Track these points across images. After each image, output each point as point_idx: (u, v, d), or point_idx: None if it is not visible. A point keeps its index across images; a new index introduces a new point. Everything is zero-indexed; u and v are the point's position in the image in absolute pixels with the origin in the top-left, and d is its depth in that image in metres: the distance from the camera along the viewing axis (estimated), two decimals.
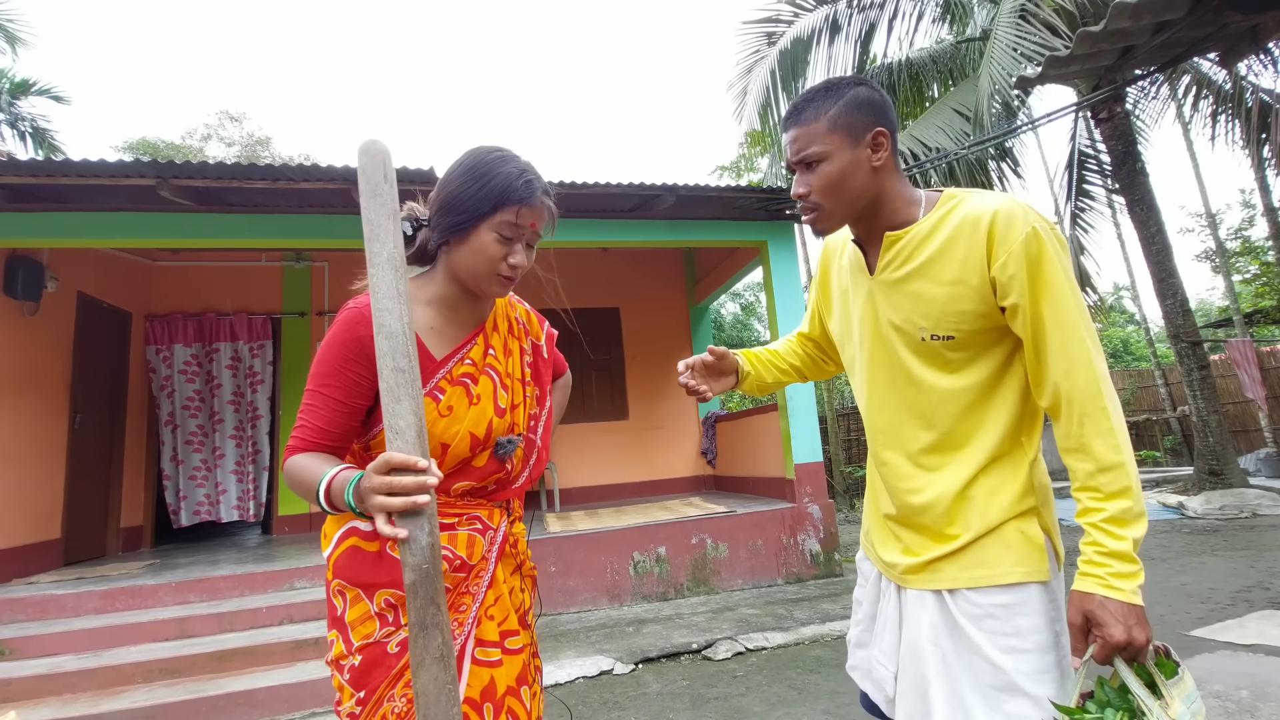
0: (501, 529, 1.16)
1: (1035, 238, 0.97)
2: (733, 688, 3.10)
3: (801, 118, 1.08)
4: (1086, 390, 0.96)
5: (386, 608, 1.03)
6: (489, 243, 1.04)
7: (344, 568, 1.06)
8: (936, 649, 1.05)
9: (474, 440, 1.08)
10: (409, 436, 0.85)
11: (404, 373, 0.86)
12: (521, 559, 1.22)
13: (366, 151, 0.94)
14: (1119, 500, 0.93)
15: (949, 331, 1.04)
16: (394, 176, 0.95)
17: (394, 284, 0.89)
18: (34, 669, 3.33)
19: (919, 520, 1.11)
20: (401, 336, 0.87)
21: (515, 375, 1.19)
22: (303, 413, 1.02)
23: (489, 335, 1.16)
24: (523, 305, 1.31)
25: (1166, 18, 3.35)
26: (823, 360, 1.48)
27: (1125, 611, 0.89)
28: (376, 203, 0.92)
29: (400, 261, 0.90)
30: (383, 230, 0.91)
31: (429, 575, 0.82)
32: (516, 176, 1.05)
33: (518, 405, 1.17)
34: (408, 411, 0.85)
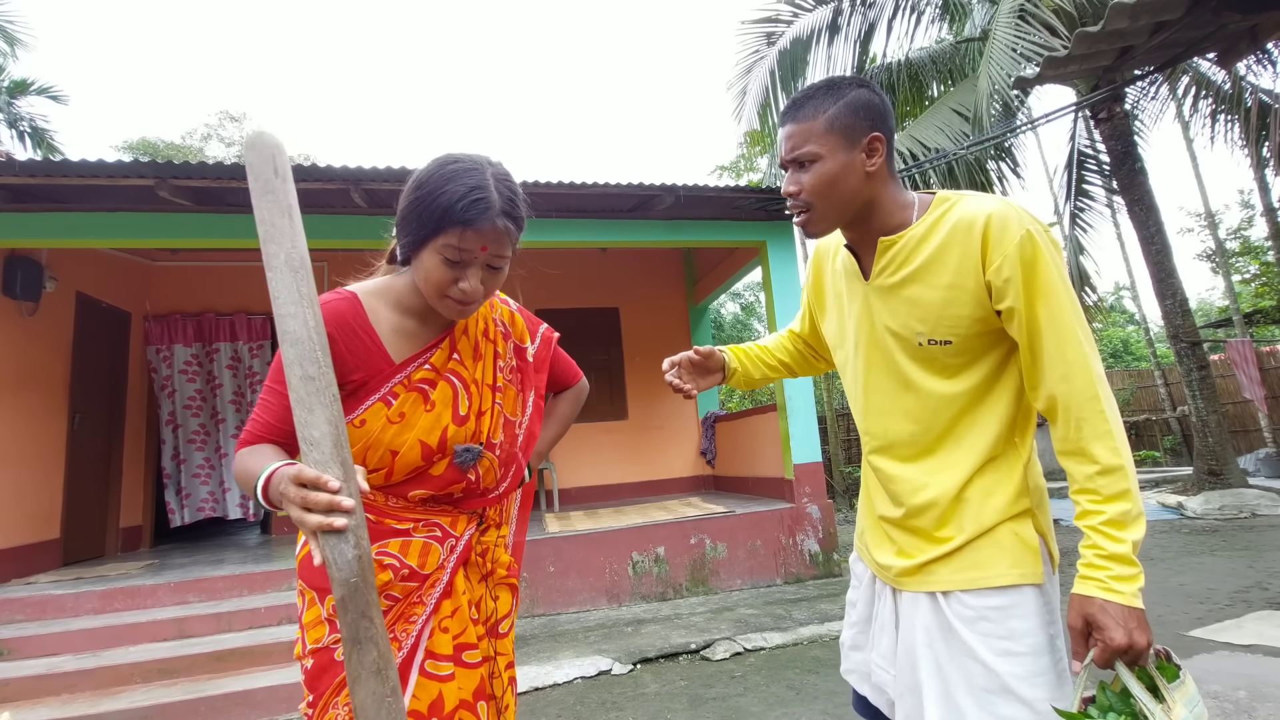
0: (465, 537, 1.11)
1: (1030, 240, 0.97)
2: (731, 688, 3.10)
3: (800, 114, 1.07)
4: (1084, 393, 0.95)
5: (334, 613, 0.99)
6: (433, 266, 0.98)
7: (304, 568, 1.04)
8: (930, 651, 1.05)
9: (425, 449, 1.03)
10: (324, 448, 0.80)
11: (314, 380, 0.81)
12: (492, 567, 1.17)
13: (253, 146, 0.88)
14: (1118, 503, 0.92)
15: (946, 336, 1.04)
16: (287, 171, 0.88)
17: (295, 287, 0.83)
18: (32, 669, 3.33)
19: (913, 523, 1.10)
20: (308, 342, 0.82)
21: (483, 380, 1.13)
22: (256, 409, 1.00)
23: (457, 339, 1.11)
24: (507, 306, 1.24)
25: (1164, 18, 3.35)
26: (814, 358, 1.48)
27: (1126, 615, 0.88)
28: (269, 200, 0.86)
29: (300, 263, 0.84)
30: (278, 230, 0.84)
31: (358, 589, 0.77)
32: (463, 196, 0.95)
33: (484, 412, 1.11)
34: (321, 421, 0.80)
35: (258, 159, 0.87)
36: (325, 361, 0.83)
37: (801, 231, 1.16)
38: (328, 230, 4.85)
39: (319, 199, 4.69)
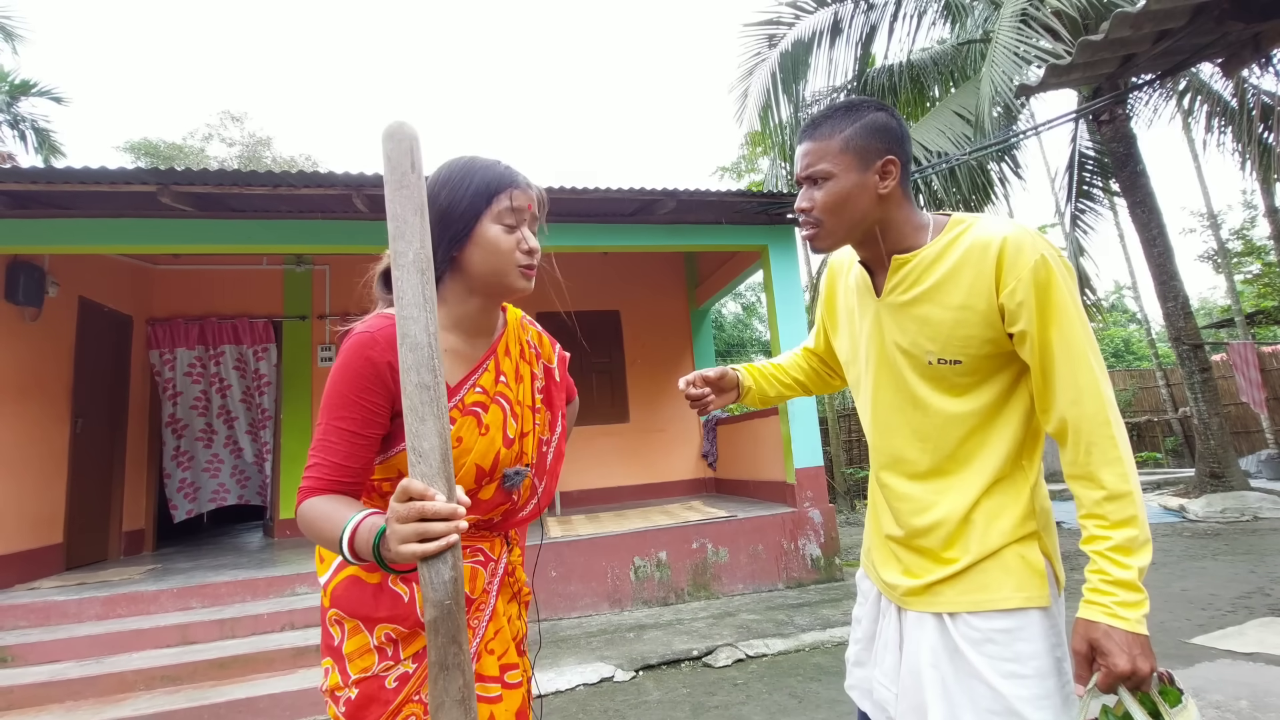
0: (503, 560, 1.12)
1: (1044, 265, 0.98)
2: (733, 696, 3.10)
3: (817, 133, 1.09)
4: (1095, 419, 0.96)
5: (386, 642, 1.00)
6: (497, 235, 1.00)
7: (342, 598, 1.02)
8: (936, 672, 1.05)
9: (480, 472, 1.03)
10: (433, 460, 0.77)
11: (429, 389, 0.78)
12: (519, 586, 1.19)
13: (392, 136, 0.84)
14: (1125, 529, 0.93)
15: (956, 355, 1.05)
16: (422, 166, 0.85)
17: (420, 289, 0.80)
18: (36, 676, 3.34)
19: (919, 542, 1.11)
20: (428, 348, 0.79)
21: (525, 402, 1.14)
22: (316, 449, 0.94)
23: (500, 360, 1.11)
24: (534, 327, 1.26)
25: (1167, 26, 3.35)
26: (828, 375, 1.49)
27: (1130, 641, 0.89)
28: (403, 195, 0.82)
29: (428, 264, 0.81)
30: (409, 228, 0.81)
31: (451, 612, 0.76)
32: (492, 165, 1.03)
33: (526, 434, 1.12)
34: (432, 432, 0.78)
35: (396, 150, 0.84)
36: (440, 370, 0.80)
37: (810, 247, 1.17)
38: (329, 235, 4.85)
39: (320, 204, 4.70)
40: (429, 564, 0.76)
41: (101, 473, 5.52)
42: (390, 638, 1.00)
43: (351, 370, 0.94)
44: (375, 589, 1.01)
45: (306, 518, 0.92)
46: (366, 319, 1.00)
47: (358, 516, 0.86)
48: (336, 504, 0.91)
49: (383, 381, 0.94)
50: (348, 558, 0.85)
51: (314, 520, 0.91)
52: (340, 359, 0.96)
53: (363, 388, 0.94)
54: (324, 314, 6.75)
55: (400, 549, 0.75)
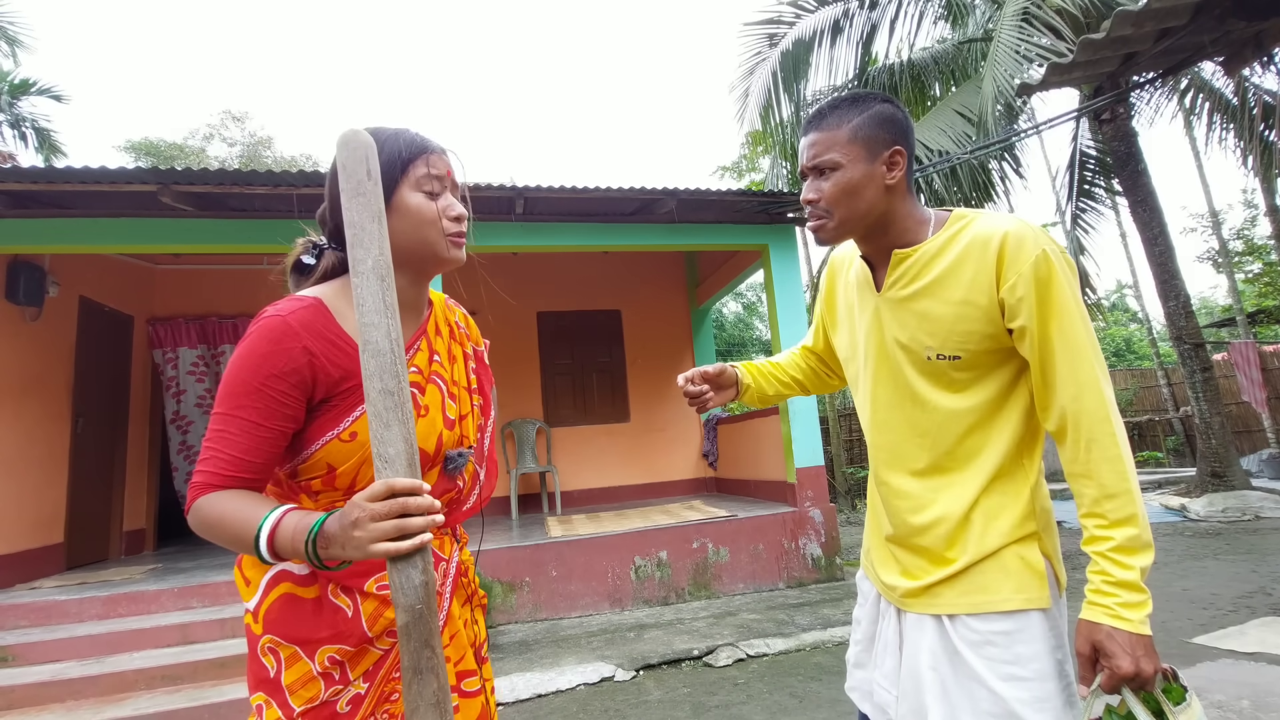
0: (454, 559, 1.06)
1: (1045, 261, 0.97)
2: (734, 695, 3.10)
3: (824, 124, 1.09)
4: (1094, 415, 0.96)
5: (332, 665, 0.91)
6: (420, 203, 0.95)
7: (277, 621, 0.91)
8: (935, 675, 1.05)
9: (423, 456, 0.95)
10: (399, 465, 0.76)
11: (393, 395, 0.78)
12: (472, 588, 1.13)
13: (346, 144, 0.84)
14: (1124, 528, 0.93)
15: (955, 351, 1.04)
16: (379, 173, 0.86)
17: (380, 295, 0.80)
18: (37, 675, 3.34)
19: (918, 542, 1.11)
20: (390, 355, 0.78)
21: (461, 383, 1.09)
22: (211, 441, 0.85)
23: (431, 339, 1.05)
24: (459, 309, 1.21)
25: (1169, 25, 3.34)
26: (826, 374, 1.48)
27: (1133, 642, 0.89)
28: (359, 203, 0.82)
29: (387, 270, 0.81)
30: (367, 235, 0.82)
31: (423, 616, 0.75)
32: (403, 131, 0.97)
33: (465, 415, 1.07)
34: (397, 438, 0.77)
35: (351, 158, 0.84)
36: (404, 375, 0.79)
37: (814, 238, 1.16)
38: None
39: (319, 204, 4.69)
40: (399, 567, 0.75)
41: (102, 472, 5.52)
42: (335, 660, 0.91)
43: (258, 356, 0.86)
44: (314, 605, 0.93)
45: (204, 515, 0.83)
46: (277, 303, 0.93)
47: (277, 512, 0.80)
48: (243, 500, 0.83)
49: (295, 369, 0.87)
50: (264, 557, 0.79)
51: (216, 519, 0.82)
52: (247, 344, 0.88)
53: (270, 374, 0.86)
54: None
55: (374, 548, 0.72)
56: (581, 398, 7.47)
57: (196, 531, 0.85)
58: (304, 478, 0.93)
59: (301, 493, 0.96)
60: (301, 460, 0.92)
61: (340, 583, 0.93)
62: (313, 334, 0.89)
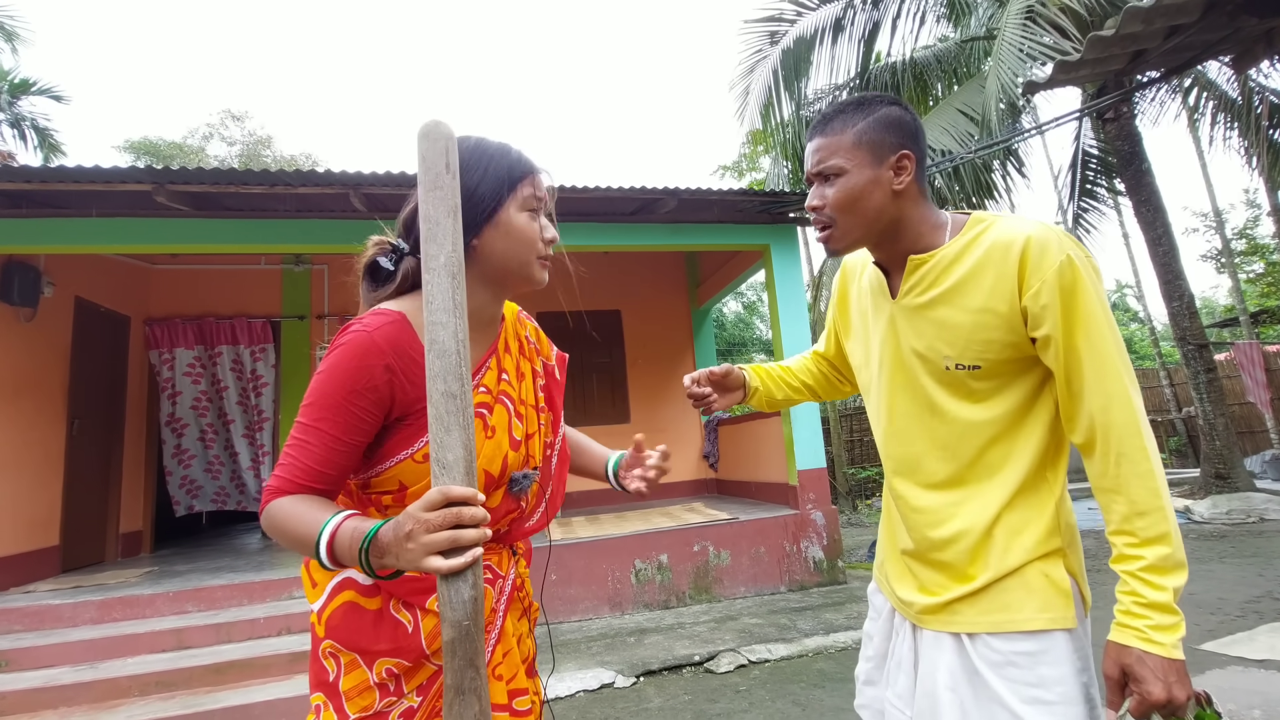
0: (511, 576, 1.04)
1: (1070, 266, 0.93)
2: (735, 703, 3.05)
3: (828, 129, 1.05)
4: (1125, 428, 0.91)
5: (388, 677, 0.92)
6: (523, 222, 0.95)
7: (339, 627, 0.93)
8: (954, 696, 1.01)
9: (488, 479, 0.95)
10: (457, 472, 0.74)
11: (456, 398, 0.75)
12: (528, 601, 1.12)
13: (428, 136, 0.81)
14: (1156, 546, 0.88)
15: (974, 361, 1.00)
16: (457, 166, 0.83)
17: (450, 294, 0.77)
18: (30, 681, 3.29)
19: (937, 557, 1.06)
20: (456, 355, 0.76)
21: (529, 402, 1.06)
22: (291, 448, 0.87)
23: (501, 357, 1.04)
24: (531, 323, 1.19)
25: (1179, 21, 3.28)
26: (838, 381, 1.45)
27: (1165, 667, 0.85)
28: (436, 196, 0.80)
29: (459, 268, 0.78)
30: (441, 230, 0.79)
31: (469, 634, 0.73)
32: (510, 150, 0.98)
33: (532, 435, 1.05)
34: (457, 443, 0.74)
35: (432, 150, 0.81)
36: (468, 378, 0.77)
37: (825, 249, 1.13)
38: (327, 235, 4.80)
39: (317, 203, 4.65)
40: (449, 581, 0.73)
41: (98, 474, 5.48)
42: (392, 672, 0.93)
43: (342, 372, 0.87)
44: (375, 616, 0.93)
45: (274, 518, 0.84)
46: (363, 316, 0.92)
47: (338, 517, 0.80)
48: (310, 504, 0.84)
49: (374, 387, 0.87)
50: (324, 562, 0.79)
51: (283, 521, 0.83)
52: (333, 358, 0.88)
53: (352, 390, 0.86)
54: (323, 314, 6.70)
55: (427, 562, 0.71)
56: (581, 398, 7.42)
57: (268, 533, 0.86)
58: (374, 491, 0.95)
59: (371, 505, 0.97)
60: (374, 474, 0.93)
61: (403, 598, 0.94)
62: (396, 351, 0.89)
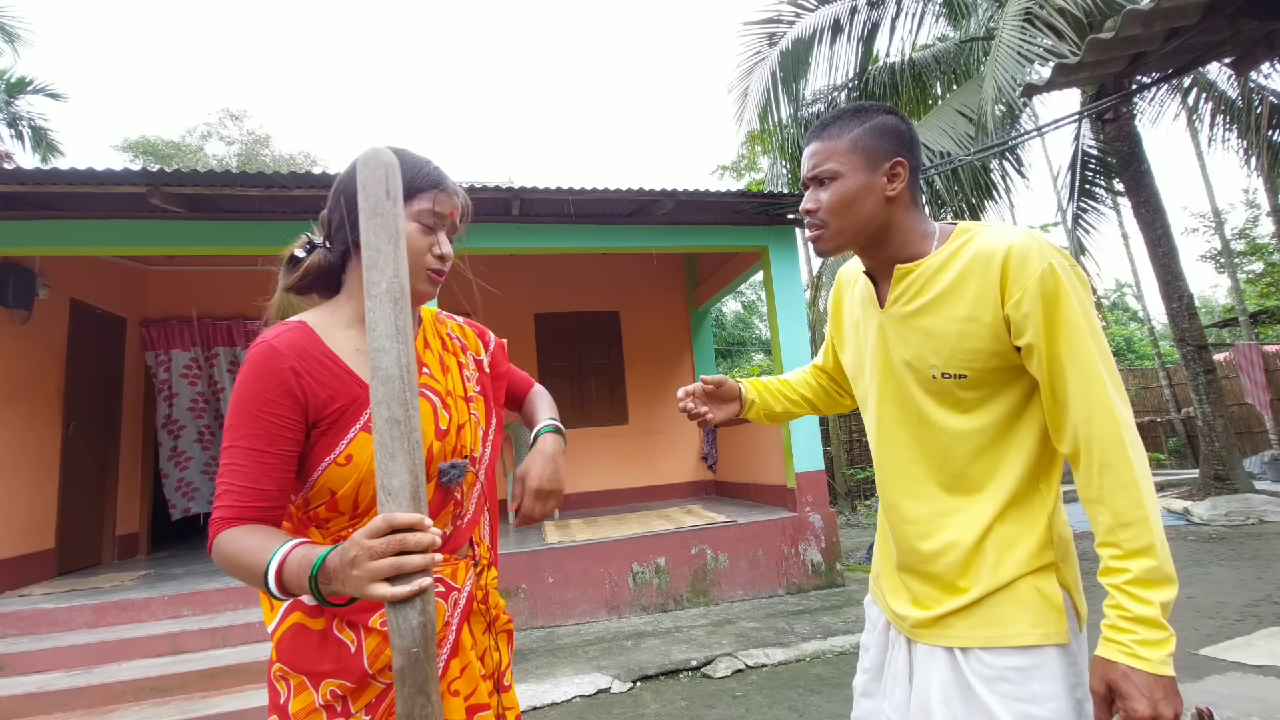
0: (467, 587, 1.03)
1: (1051, 274, 0.93)
2: (732, 709, 3.04)
3: (825, 134, 1.07)
4: (1107, 438, 0.90)
5: (334, 698, 0.92)
6: (411, 232, 0.94)
7: (288, 649, 0.93)
8: (946, 709, 1.01)
9: None
10: (403, 498, 0.74)
11: (400, 424, 0.75)
12: (495, 613, 1.10)
13: (368, 163, 0.83)
14: (1141, 559, 0.87)
15: (961, 370, 1.00)
16: (399, 192, 0.84)
17: (393, 320, 0.78)
18: (24, 686, 3.28)
19: (928, 569, 1.06)
20: (399, 382, 0.76)
21: (457, 392, 1.07)
22: (223, 475, 0.87)
23: (420, 354, 1.05)
24: (454, 320, 1.20)
25: (1179, 24, 3.27)
26: (838, 393, 1.45)
27: (1151, 684, 0.83)
28: (377, 223, 0.81)
29: (402, 294, 0.79)
30: (383, 257, 0.80)
31: (419, 661, 0.72)
32: (422, 163, 0.98)
33: (463, 425, 1.05)
34: (402, 469, 0.75)
35: (371, 178, 0.82)
36: (413, 404, 0.77)
37: (814, 249, 1.14)
38: None
39: (314, 205, 4.60)
40: (397, 608, 0.73)
41: (94, 476, 5.46)
42: (337, 694, 0.92)
43: (252, 383, 0.88)
44: (320, 637, 0.93)
45: (224, 552, 0.84)
46: (266, 330, 0.95)
47: (286, 546, 0.80)
48: (258, 534, 0.84)
49: (286, 391, 0.88)
50: (274, 593, 0.79)
51: (233, 555, 0.83)
52: (241, 374, 0.90)
53: (266, 399, 0.88)
54: None
55: (372, 589, 0.70)
56: (579, 400, 7.41)
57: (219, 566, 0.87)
58: (312, 506, 0.95)
59: (311, 524, 0.97)
60: (309, 489, 0.94)
61: (346, 617, 0.93)
62: (298, 354, 0.91)
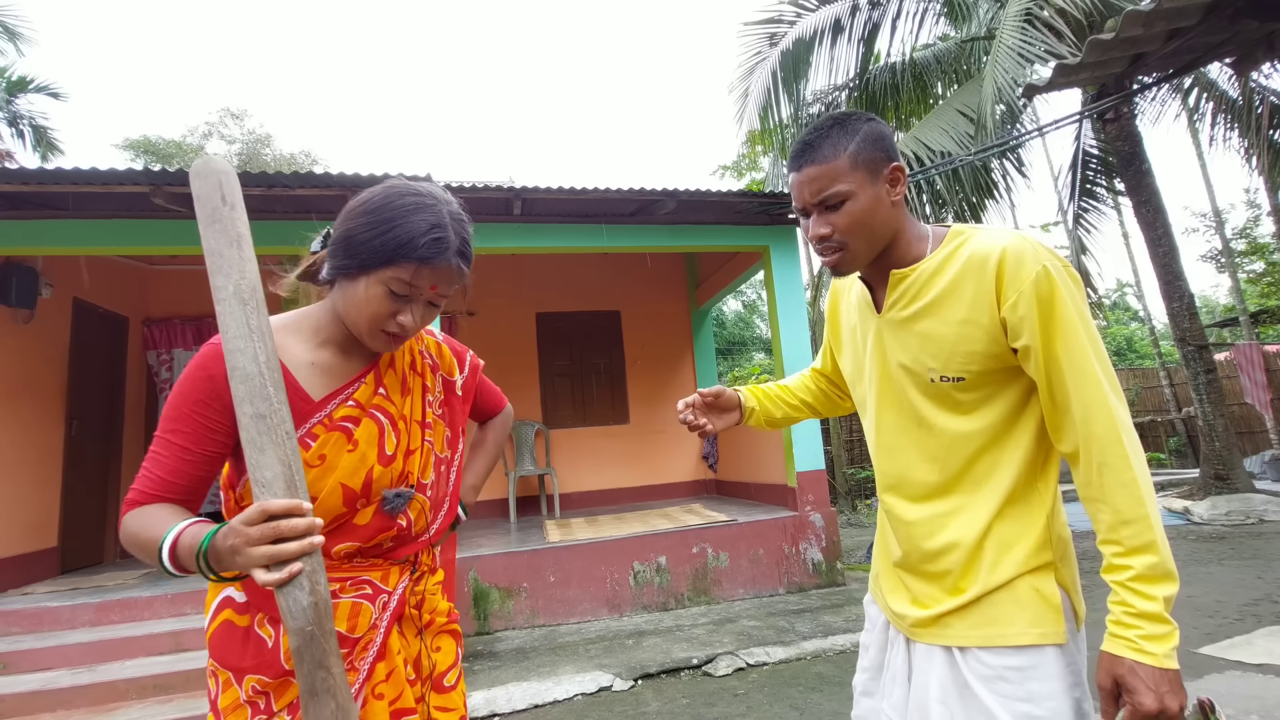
0: (398, 591, 1.03)
1: (1046, 277, 0.94)
2: (733, 707, 3.05)
3: (818, 155, 1.02)
4: (1105, 437, 0.92)
5: (255, 694, 0.93)
6: (375, 296, 0.92)
7: (217, 646, 0.95)
8: (944, 709, 1.01)
9: (348, 493, 0.95)
10: (277, 488, 0.77)
11: (265, 419, 0.78)
12: (431, 617, 1.10)
13: (199, 174, 0.86)
14: (1143, 555, 0.88)
15: (958, 373, 1.01)
16: (236, 198, 0.86)
17: (244, 320, 0.81)
18: (28, 684, 3.30)
19: (927, 569, 1.07)
20: (259, 378, 0.79)
21: (413, 417, 1.05)
22: (147, 461, 0.90)
23: (382, 372, 1.04)
24: (432, 336, 1.18)
25: (1179, 25, 3.28)
26: (838, 397, 1.46)
27: (1157, 677, 0.85)
28: (216, 230, 0.83)
29: (250, 295, 0.82)
30: (226, 261, 0.82)
31: (314, 638, 0.74)
32: (424, 231, 0.91)
33: (413, 451, 1.04)
34: (273, 460, 0.78)
35: (205, 187, 0.85)
36: (278, 398, 0.80)
37: (833, 272, 1.12)
38: None
39: (315, 205, 4.65)
40: (284, 591, 0.76)
41: (97, 475, 5.48)
42: (258, 689, 0.93)
43: (190, 383, 0.90)
44: (243, 634, 0.95)
45: (129, 529, 0.86)
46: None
47: (181, 524, 0.83)
48: (160, 512, 0.86)
49: (218, 395, 0.89)
50: (168, 569, 0.82)
51: (135, 531, 0.85)
52: (184, 372, 0.92)
53: (197, 402, 0.89)
54: None
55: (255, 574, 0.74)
56: (580, 399, 7.42)
57: (124, 545, 0.88)
58: (245, 502, 0.98)
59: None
60: (242, 486, 0.97)
61: (268, 614, 0.95)
62: None
